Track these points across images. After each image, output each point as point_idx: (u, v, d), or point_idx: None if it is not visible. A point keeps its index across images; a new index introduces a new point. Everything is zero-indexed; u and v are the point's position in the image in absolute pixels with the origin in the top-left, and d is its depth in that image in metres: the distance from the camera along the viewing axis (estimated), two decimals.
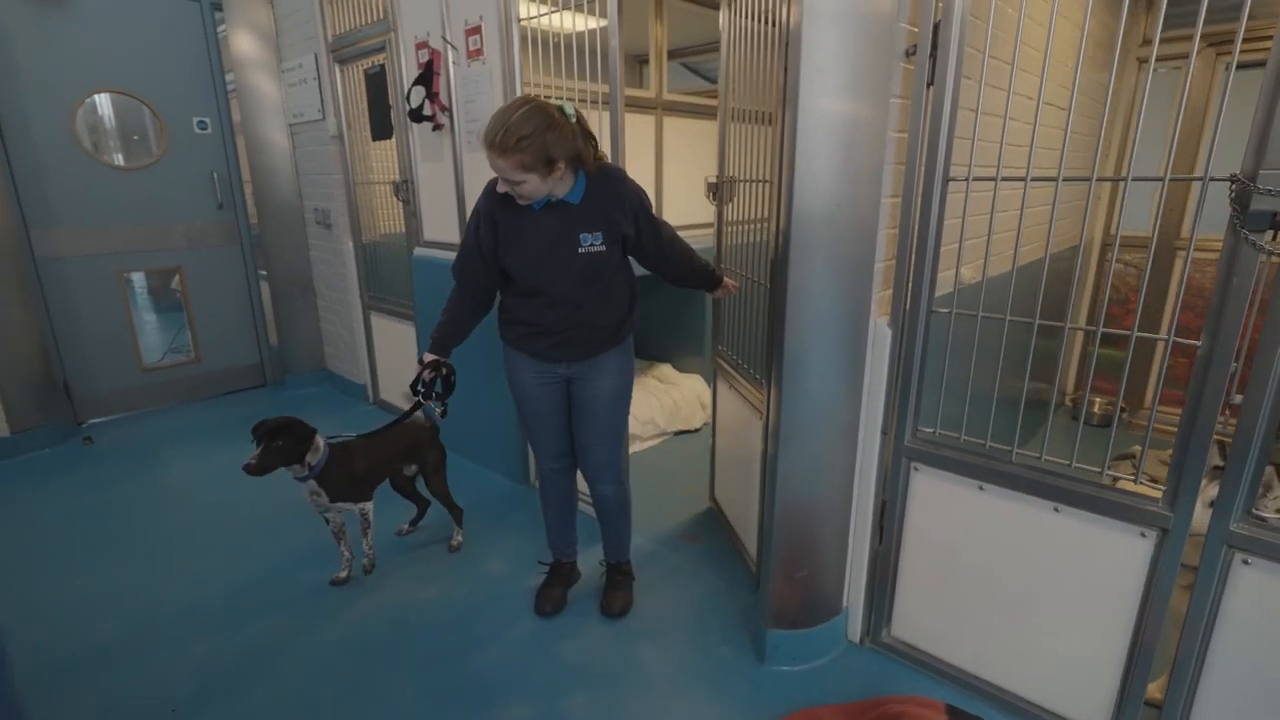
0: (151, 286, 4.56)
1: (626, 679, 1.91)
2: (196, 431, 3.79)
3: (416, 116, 2.96)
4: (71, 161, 3.59)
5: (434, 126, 2.98)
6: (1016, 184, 1.53)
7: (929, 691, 1.81)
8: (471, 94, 2.78)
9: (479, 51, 2.69)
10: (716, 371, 2.62)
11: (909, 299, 1.71)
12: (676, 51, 3.98)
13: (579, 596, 2.25)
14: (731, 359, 2.45)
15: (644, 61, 3.83)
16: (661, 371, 3.95)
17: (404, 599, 2.25)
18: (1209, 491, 1.39)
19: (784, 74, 1.60)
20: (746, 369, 2.28)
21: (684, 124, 3.91)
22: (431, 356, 1.94)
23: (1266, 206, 1.20)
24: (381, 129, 3.42)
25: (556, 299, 1.80)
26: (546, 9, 2.48)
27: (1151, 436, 1.46)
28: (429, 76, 2.88)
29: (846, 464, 1.85)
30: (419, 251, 3.32)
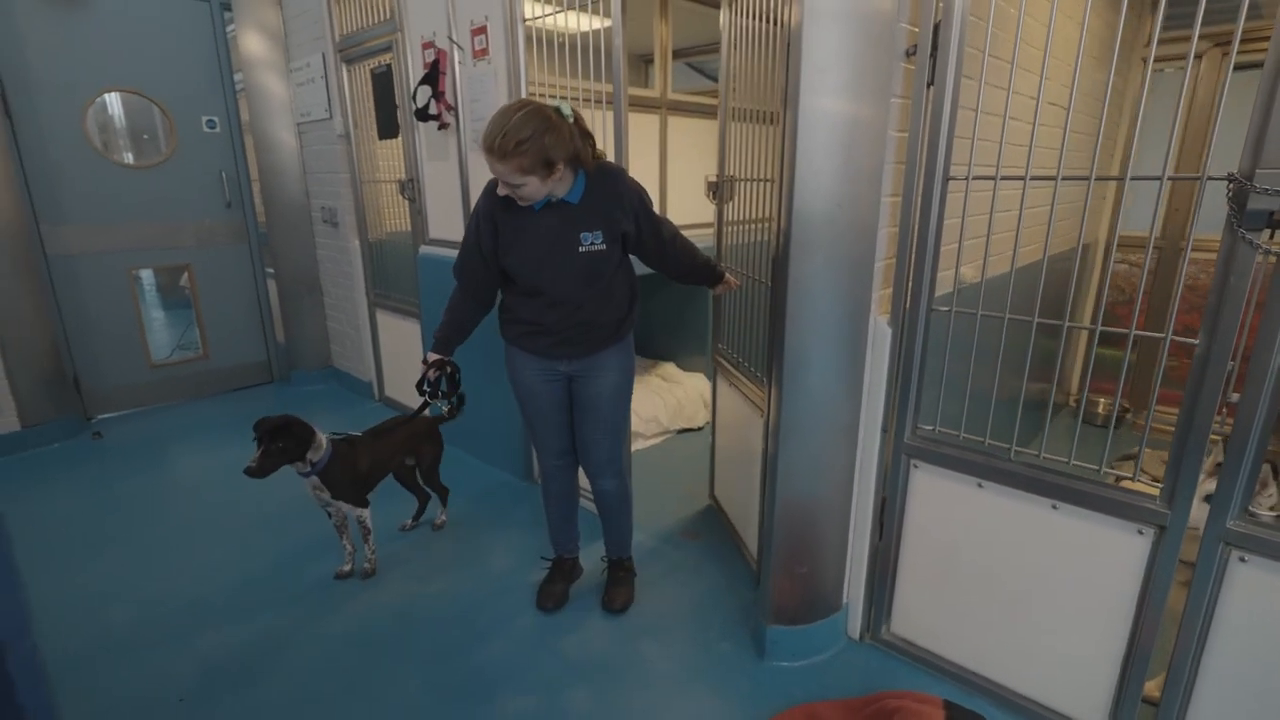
0: (160, 284, 4.62)
1: (628, 674, 1.92)
2: (204, 427, 3.82)
3: (422, 116, 2.98)
4: (82, 160, 3.63)
5: (439, 126, 3.00)
6: (1016, 183, 1.54)
7: (928, 688, 1.82)
8: (477, 93, 2.80)
9: (484, 51, 2.71)
10: (716, 369, 2.63)
11: (909, 298, 1.72)
12: (681, 51, 3.99)
13: (581, 592, 2.27)
14: (732, 357, 2.46)
15: (649, 61, 3.84)
16: (665, 370, 3.96)
17: (407, 593, 2.28)
18: (1206, 486, 1.39)
19: (785, 73, 1.61)
20: (747, 367, 2.29)
21: (689, 123, 3.92)
22: (435, 356, 1.97)
23: (1263, 205, 1.21)
24: (388, 128, 3.44)
25: (557, 298, 1.81)
26: (551, 9, 2.50)
27: (1153, 436, 1.46)
28: (435, 76, 2.91)
29: (847, 461, 1.86)
30: (424, 249, 3.35)
